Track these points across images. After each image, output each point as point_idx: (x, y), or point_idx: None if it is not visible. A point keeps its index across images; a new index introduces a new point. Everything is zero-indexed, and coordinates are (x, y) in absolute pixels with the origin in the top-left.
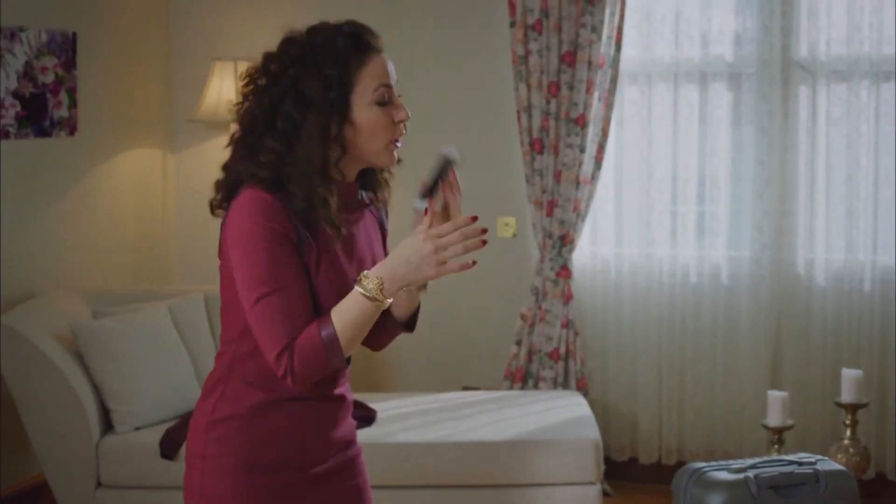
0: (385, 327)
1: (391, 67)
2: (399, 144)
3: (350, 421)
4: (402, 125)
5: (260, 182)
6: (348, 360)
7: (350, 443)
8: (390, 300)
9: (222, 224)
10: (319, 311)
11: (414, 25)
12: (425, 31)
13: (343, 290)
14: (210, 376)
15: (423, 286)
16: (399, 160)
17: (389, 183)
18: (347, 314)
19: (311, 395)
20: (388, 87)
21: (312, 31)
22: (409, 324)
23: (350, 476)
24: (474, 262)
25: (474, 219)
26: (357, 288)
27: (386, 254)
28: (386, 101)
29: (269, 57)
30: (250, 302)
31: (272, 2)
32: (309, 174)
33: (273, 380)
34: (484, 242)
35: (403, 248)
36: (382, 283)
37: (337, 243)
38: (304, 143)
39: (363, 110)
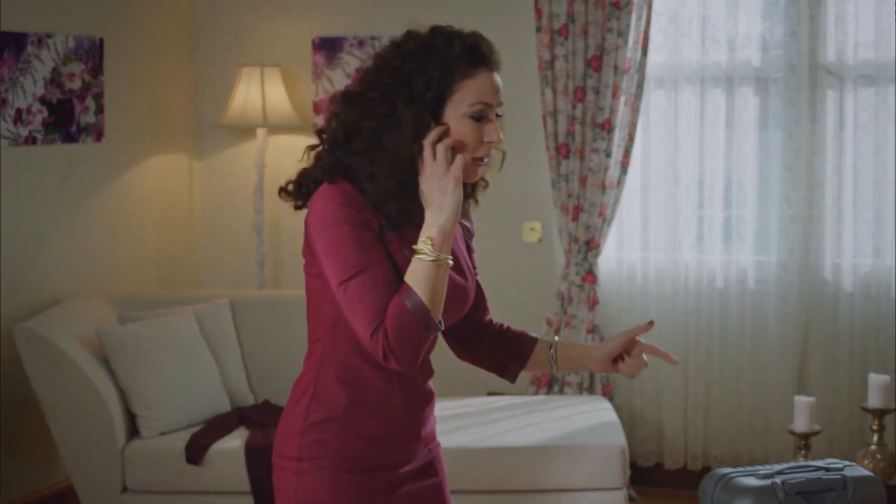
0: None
1: (499, 87)
2: (483, 162)
3: (434, 417)
4: (489, 146)
5: (331, 173)
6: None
7: (433, 439)
8: (449, 258)
9: (305, 220)
10: None
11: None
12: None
13: None
14: (300, 379)
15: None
16: (485, 183)
17: (474, 196)
18: (419, 280)
19: (406, 390)
20: (488, 105)
21: (434, 31)
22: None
23: (433, 473)
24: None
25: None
26: (416, 256)
27: (471, 256)
28: (481, 118)
29: (389, 48)
30: (338, 286)
31: (298, 7)
32: (392, 164)
33: (367, 377)
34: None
35: (426, 204)
36: (431, 239)
37: (406, 241)
38: (394, 133)
39: (454, 120)
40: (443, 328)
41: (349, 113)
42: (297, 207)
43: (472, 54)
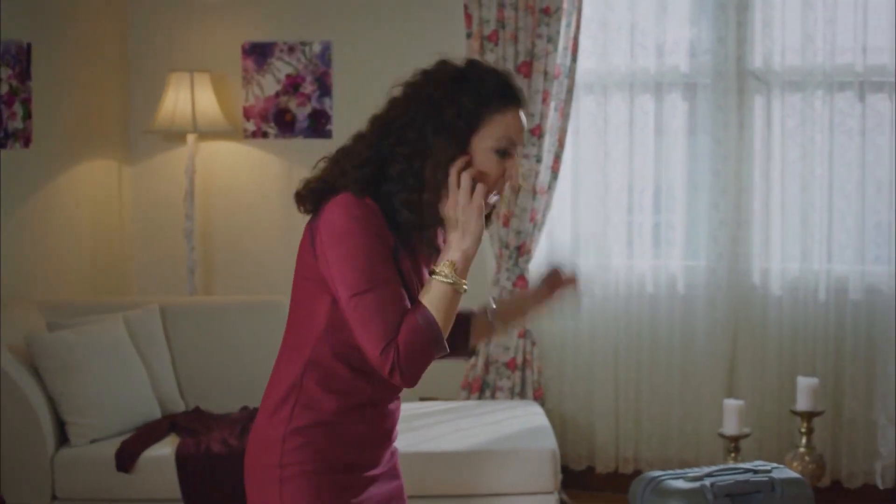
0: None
1: (524, 127)
2: (495, 199)
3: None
4: (506, 184)
5: (360, 188)
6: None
7: (393, 445)
8: (466, 284)
9: (313, 226)
10: None
11: (370, 37)
12: (381, 43)
13: None
14: (276, 385)
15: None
16: (496, 215)
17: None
18: (433, 302)
19: (386, 398)
20: (514, 144)
21: (471, 64)
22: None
23: (396, 475)
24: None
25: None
26: (435, 277)
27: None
28: (505, 154)
29: (423, 75)
30: (351, 297)
31: (228, 13)
32: (429, 191)
33: (352, 385)
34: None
35: (448, 231)
36: (454, 264)
37: (416, 263)
38: (429, 161)
39: (480, 153)
40: (448, 352)
41: (382, 137)
42: (307, 212)
43: (506, 90)
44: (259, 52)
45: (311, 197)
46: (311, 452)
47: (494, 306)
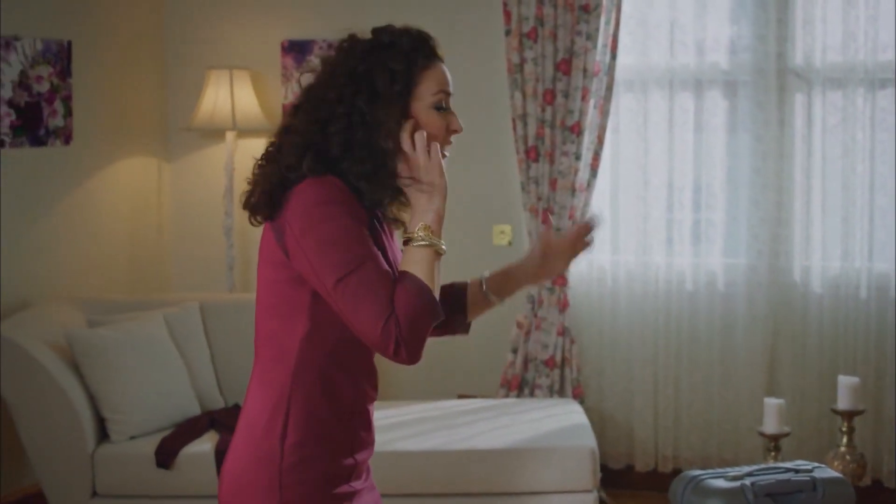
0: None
1: (450, 79)
2: (447, 153)
3: None
4: (450, 135)
5: (315, 171)
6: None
7: None
8: (444, 245)
9: (276, 225)
10: None
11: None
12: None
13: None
14: (259, 401)
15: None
16: None
17: None
18: (417, 268)
19: (369, 401)
20: (448, 94)
21: (378, 31)
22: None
23: (373, 487)
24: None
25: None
26: (413, 244)
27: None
28: (443, 108)
29: (337, 53)
30: (336, 283)
31: (267, 11)
32: (382, 166)
33: (344, 388)
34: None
35: (412, 197)
36: (428, 226)
37: (388, 236)
38: (379, 135)
39: (421, 111)
40: (444, 317)
41: (310, 122)
42: (264, 219)
43: (423, 46)
44: (298, 50)
45: (264, 201)
46: (311, 468)
47: (487, 275)
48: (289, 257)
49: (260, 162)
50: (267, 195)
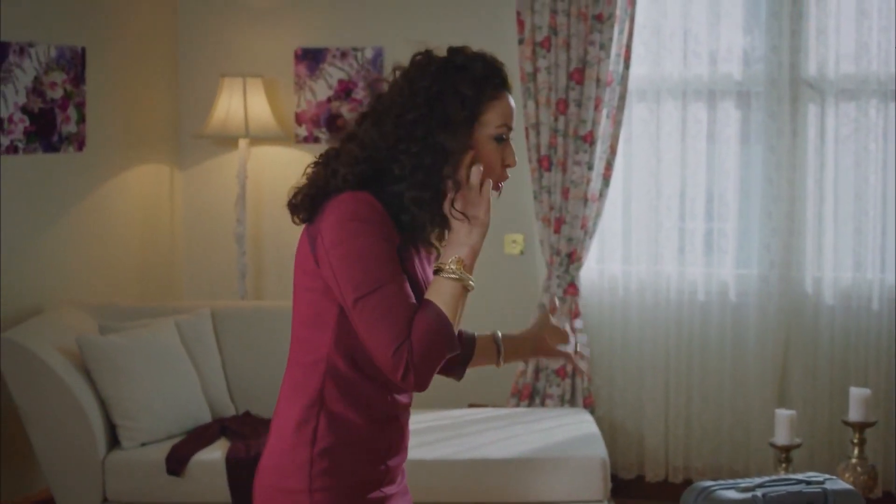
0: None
1: (514, 111)
2: (500, 186)
3: None
4: (506, 169)
5: (354, 186)
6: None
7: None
8: (472, 281)
9: (311, 231)
10: None
11: (422, 42)
12: (433, 48)
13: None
14: (293, 404)
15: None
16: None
17: None
18: (442, 299)
19: (403, 409)
20: (510, 128)
21: (453, 51)
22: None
23: (406, 492)
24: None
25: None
26: (442, 275)
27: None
28: (503, 140)
29: (411, 68)
30: (356, 300)
31: (281, 18)
32: (438, 193)
33: (373, 396)
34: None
35: (453, 226)
36: (461, 260)
37: (420, 262)
38: (446, 162)
39: (482, 141)
40: (459, 350)
41: (379, 136)
42: (302, 221)
43: (495, 75)
44: (311, 58)
45: (305, 203)
46: (342, 474)
47: (500, 335)
48: (319, 267)
49: (315, 163)
50: (309, 198)
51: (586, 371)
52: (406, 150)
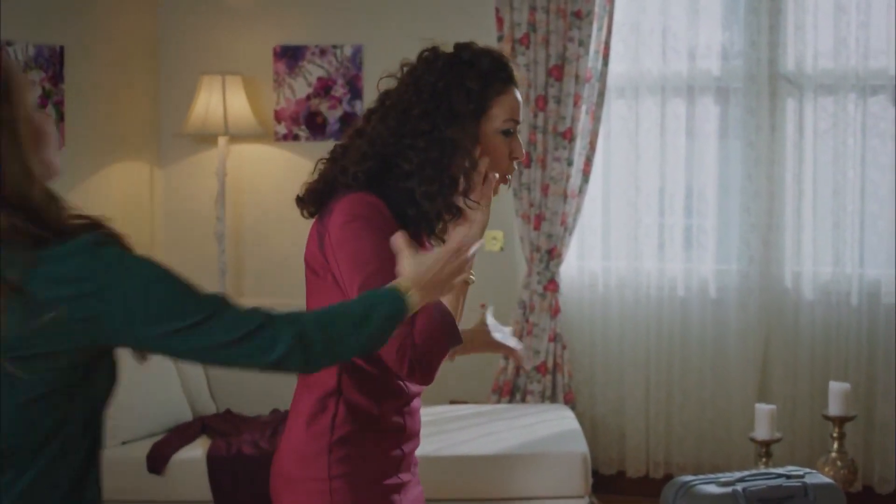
0: None
1: (521, 105)
2: (508, 179)
3: None
4: (514, 163)
5: (363, 184)
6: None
7: None
8: (473, 276)
9: (318, 230)
10: None
11: (401, 40)
12: (412, 46)
13: None
14: (309, 394)
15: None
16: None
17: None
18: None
19: (414, 393)
20: (517, 122)
21: (460, 47)
22: None
23: (418, 482)
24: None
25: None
26: None
27: None
28: (510, 134)
29: (418, 64)
30: (360, 291)
31: (259, 16)
32: (447, 186)
33: (388, 385)
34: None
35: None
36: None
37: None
38: (455, 155)
39: (489, 135)
40: (461, 342)
41: (388, 132)
42: (310, 215)
43: (502, 70)
44: (290, 56)
45: (313, 198)
46: (360, 461)
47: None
48: (328, 263)
49: (325, 159)
50: (317, 194)
51: (524, 365)
52: (413, 144)
